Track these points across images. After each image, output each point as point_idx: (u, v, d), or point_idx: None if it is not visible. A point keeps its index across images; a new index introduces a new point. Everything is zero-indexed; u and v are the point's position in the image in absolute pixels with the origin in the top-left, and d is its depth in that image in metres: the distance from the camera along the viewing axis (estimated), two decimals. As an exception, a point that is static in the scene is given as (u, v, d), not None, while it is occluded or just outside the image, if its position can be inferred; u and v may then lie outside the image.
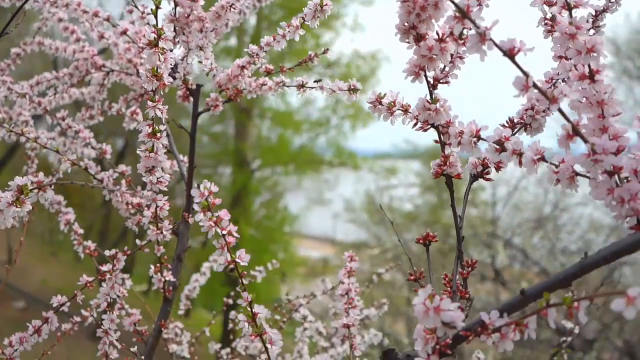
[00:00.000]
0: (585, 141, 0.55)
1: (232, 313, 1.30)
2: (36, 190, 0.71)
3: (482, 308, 6.91)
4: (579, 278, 0.54)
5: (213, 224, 0.66)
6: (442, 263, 7.13)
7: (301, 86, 1.03)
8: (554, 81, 0.73)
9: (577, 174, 0.58)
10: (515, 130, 0.73)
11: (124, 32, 1.08)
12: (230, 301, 1.55)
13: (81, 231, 1.16)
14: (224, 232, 0.66)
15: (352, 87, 0.90)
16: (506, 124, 0.73)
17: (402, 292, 7.73)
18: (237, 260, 0.68)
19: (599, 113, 0.57)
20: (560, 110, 0.55)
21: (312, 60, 1.08)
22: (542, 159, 0.60)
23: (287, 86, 1.05)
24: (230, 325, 1.43)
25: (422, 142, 11.73)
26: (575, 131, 0.55)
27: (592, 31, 0.77)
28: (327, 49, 1.08)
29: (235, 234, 0.67)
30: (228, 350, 1.45)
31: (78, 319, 1.19)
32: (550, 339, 6.48)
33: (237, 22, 1.21)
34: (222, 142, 12.20)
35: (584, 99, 0.58)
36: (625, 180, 0.56)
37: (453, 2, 0.56)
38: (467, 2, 0.56)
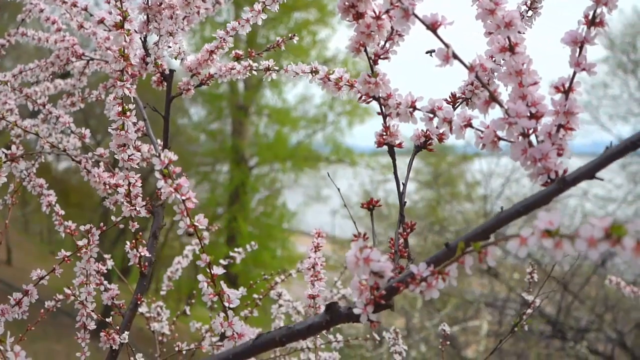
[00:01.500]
0: (501, 106, 0.60)
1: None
2: (9, 162, 0.76)
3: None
4: (497, 230, 0.59)
5: (173, 190, 0.71)
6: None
7: (267, 69, 1.08)
8: (493, 58, 0.79)
9: (500, 138, 0.63)
10: (457, 104, 0.79)
11: (101, 21, 1.13)
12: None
13: (62, 212, 1.21)
14: (184, 197, 0.71)
15: (313, 69, 0.95)
16: (448, 99, 0.79)
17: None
18: (196, 224, 0.73)
19: (519, 82, 0.62)
20: (478, 79, 0.60)
21: (280, 45, 1.14)
22: (469, 125, 0.65)
23: (255, 70, 1.10)
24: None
25: (418, 137, 11.73)
26: (492, 97, 0.60)
27: (530, 12, 0.82)
28: (294, 35, 1.13)
29: (195, 200, 0.72)
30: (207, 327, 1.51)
31: (61, 296, 1.24)
32: (542, 331, 6.55)
33: (213, 11, 1.26)
34: (219, 139, 12.26)
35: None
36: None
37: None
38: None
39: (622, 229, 0.40)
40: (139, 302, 1.10)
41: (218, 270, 0.75)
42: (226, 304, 0.74)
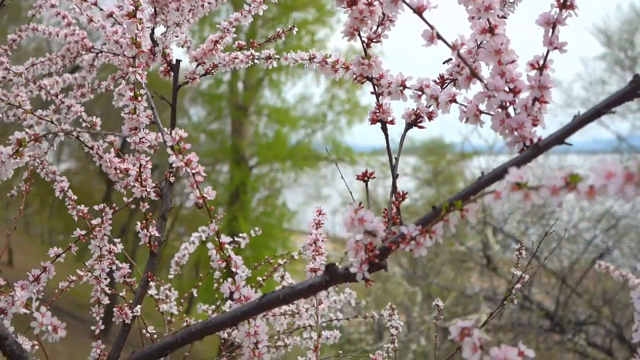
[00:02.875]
0: (481, 81, 0.66)
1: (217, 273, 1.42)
2: (33, 142, 0.83)
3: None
4: (478, 192, 0.65)
5: (184, 165, 0.77)
6: (435, 251, 7.27)
7: (268, 58, 1.15)
8: (479, 42, 0.85)
9: (481, 111, 0.70)
10: (445, 84, 0.85)
11: (110, 15, 1.20)
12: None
13: (75, 197, 1.27)
14: (194, 171, 0.78)
15: (311, 56, 1.01)
16: (437, 80, 0.85)
17: (400, 287, 7.86)
18: (205, 195, 0.79)
19: (498, 60, 0.69)
20: (460, 57, 0.67)
21: (281, 37, 1.20)
22: (454, 100, 0.71)
23: (257, 59, 1.16)
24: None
25: (418, 137, 11.87)
26: (473, 73, 0.67)
27: (511, -1, 0.88)
28: (294, 26, 1.20)
29: (203, 174, 0.79)
30: (213, 307, 1.58)
31: (74, 277, 1.31)
32: (541, 325, 6.62)
33: (216, 6, 1.33)
34: (219, 139, 12.32)
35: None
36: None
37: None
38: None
39: (578, 177, 0.47)
40: (149, 280, 1.16)
41: (226, 239, 0.81)
42: (233, 269, 0.81)
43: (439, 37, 0.65)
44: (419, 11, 0.65)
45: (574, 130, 0.61)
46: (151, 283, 1.41)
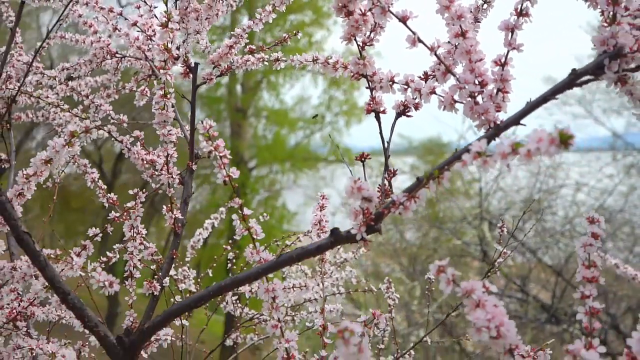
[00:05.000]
0: (454, 76, 0.82)
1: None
2: (84, 133, 0.98)
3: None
4: (452, 163, 0.81)
5: (213, 149, 0.93)
6: (434, 247, 7.45)
7: (276, 60, 1.31)
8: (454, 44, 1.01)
9: (455, 100, 0.86)
10: (429, 80, 1.01)
11: (135, 24, 1.36)
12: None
13: (104, 187, 1.43)
14: (221, 154, 0.94)
15: (314, 58, 1.17)
16: (421, 76, 1.01)
17: (400, 286, 7.99)
18: (231, 174, 0.95)
19: (469, 59, 0.85)
20: (437, 56, 0.83)
21: (286, 41, 1.36)
22: (434, 92, 0.87)
23: (266, 61, 1.32)
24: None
25: (416, 136, 12.03)
26: (447, 70, 0.83)
27: (485, 5, 1.05)
28: (298, 31, 1.36)
29: (229, 156, 0.95)
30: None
31: (104, 258, 1.46)
32: (538, 317, 6.78)
33: (227, 12, 1.49)
34: (218, 142, 12.47)
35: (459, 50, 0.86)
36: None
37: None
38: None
39: (519, 144, 0.63)
40: (173, 257, 1.32)
41: (247, 212, 0.97)
42: (254, 237, 0.97)
43: (420, 41, 0.81)
44: (403, 20, 0.81)
45: (527, 113, 0.77)
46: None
